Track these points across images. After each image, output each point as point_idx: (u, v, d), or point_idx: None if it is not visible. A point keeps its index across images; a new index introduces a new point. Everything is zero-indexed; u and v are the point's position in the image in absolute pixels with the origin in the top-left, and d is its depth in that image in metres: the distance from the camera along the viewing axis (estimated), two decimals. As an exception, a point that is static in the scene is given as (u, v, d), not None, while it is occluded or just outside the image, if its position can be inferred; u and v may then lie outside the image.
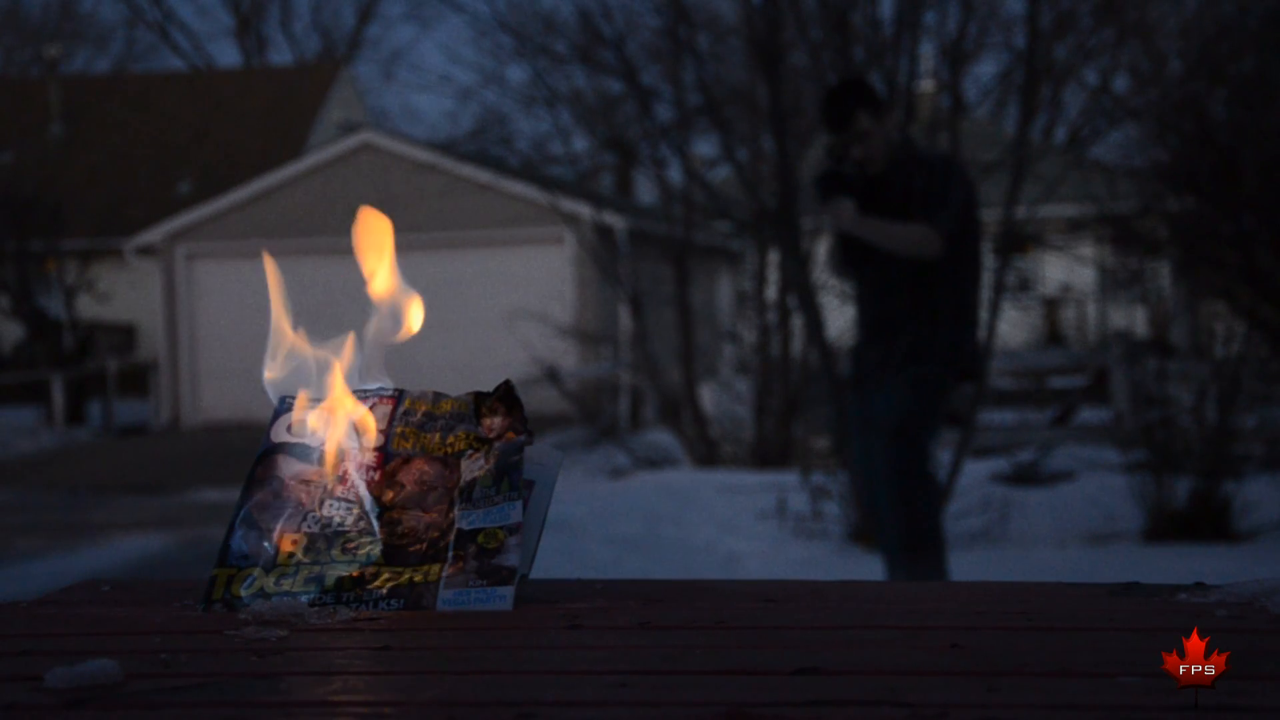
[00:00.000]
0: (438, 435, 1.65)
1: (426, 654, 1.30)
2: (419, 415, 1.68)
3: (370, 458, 1.64)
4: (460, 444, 1.64)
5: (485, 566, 1.53)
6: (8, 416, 18.63)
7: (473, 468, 1.60)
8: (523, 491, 1.59)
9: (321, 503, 1.61)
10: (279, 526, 1.60)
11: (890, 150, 4.98)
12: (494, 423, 1.64)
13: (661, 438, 12.79)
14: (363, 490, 1.62)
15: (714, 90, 11.10)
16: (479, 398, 1.67)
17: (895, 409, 4.95)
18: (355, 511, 1.61)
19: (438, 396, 1.69)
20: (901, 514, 4.98)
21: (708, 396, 12.85)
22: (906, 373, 4.95)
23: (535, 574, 1.61)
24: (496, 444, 1.62)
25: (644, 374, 13.41)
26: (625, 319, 14.95)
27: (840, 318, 9.40)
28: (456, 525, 1.57)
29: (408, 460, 1.64)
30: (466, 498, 1.58)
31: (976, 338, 5.22)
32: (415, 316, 1.71)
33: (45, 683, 1.18)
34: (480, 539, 1.55)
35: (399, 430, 1.66)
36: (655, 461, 11.82)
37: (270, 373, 1.69)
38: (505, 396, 1.66)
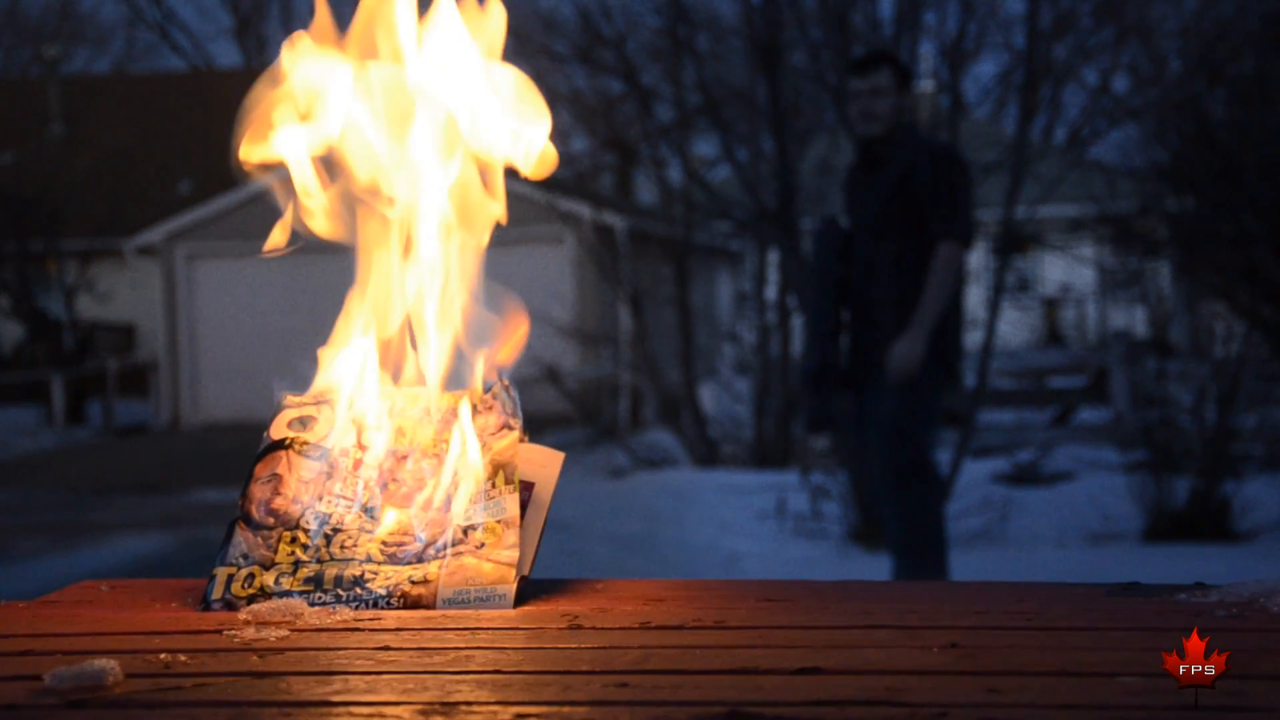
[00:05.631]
0: (433, 430, 1.66)
1: (426, 654, 1.30)
2: (414, 411, 1.68)
3: (368, 455, 1.64)
4: (455, 438, 1.64)
5: (484, 562, 1.53)
6: (8, 416, 18.62)
7: (467, 464, 1.61)
8: (519, 485, 1.59)
9: (320, 500, 1.61)
10: (278, 525, 1.60)
11: (896, 126, 4.96)
12: (489, 419, 1.64)
13: (661, 438, 12.78)
14: (361, 488, 1.62)
15: (714, 90, 11.09)
16: (473, 394, 1.67)
17: (892, 409, 4.92)
18: (354, 509, 1.61)
19: None
20: (902, 512, 4.96)
21: (708, 396, 12.85)
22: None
23: (535, 574, 1.61)
24: (491, 438, 1.62)
25: (644, 374, 13.41)
26: (625, 319, 14.95)
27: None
28: (454, 521, 1.57)
29: (404, 457, 1.64)
30: (463, 491, 1.58)
31: (959, 331, 5.17)
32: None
33: (45, 683, 1.18)
34: (478, 534, 1.55)
35: (396, 426, 1.67)
36: (655, 461, 11.81)
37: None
38: (499, 394, 1.66)
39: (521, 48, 12.84)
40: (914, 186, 4.89)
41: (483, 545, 1.54)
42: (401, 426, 1.66)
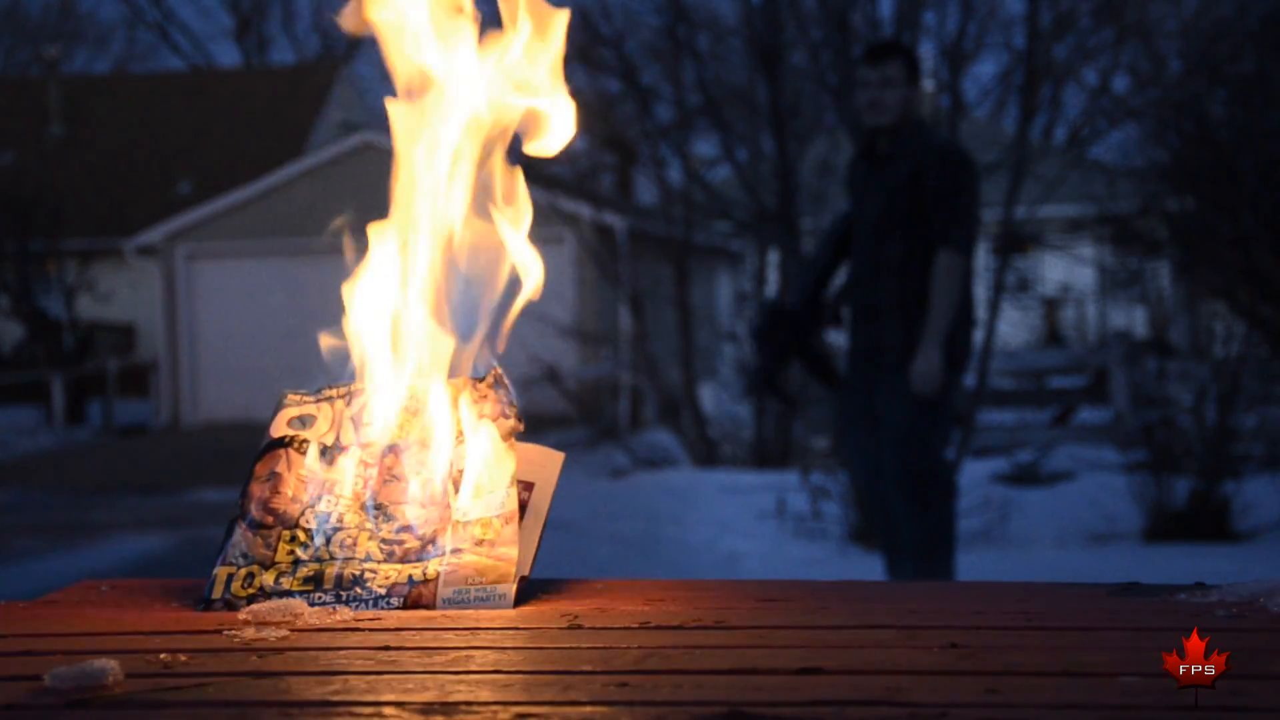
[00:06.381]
0: (430, 423, 1.65)
1: (426, 654, 1.31)
2: (413, 404, 1.68)
3: (368, 452, 1.64)
4: (452, 430, 1.64)
5: (484, 559, 1.53)
6: (8, 416, 18.61)
7: (466, 456, 1.60)
8: (518, 481, 1.59)
9: (320, 499, 1.61)
10: (278, 524, 1.60)
11: (904, 120, 4.92)
12: (484, 409, 1.64)
13: (661, 438, 12.78)
14: (359, 485, 1.62)
15: (714, 90, 11.09)
16: (468, 384, 1.67)
17: (904, 415, 4.86)
18: (353, 507, 1.61)
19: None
20: (916, 517, 4.90)
21: (708, 396, 12.85)
22: (906, 374, 4.86)
23: (535, 574, 1.61)
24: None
25: (644, 374, 13.41)
26: (625, 319, 14.95)
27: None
28: (454, 516, 1.57)
29: (403, 451, 1.64)
30: (461, 487, 1.58)
31: (968, 328, 5.12)
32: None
33: (45, 683, 1.18)
34: (477, 529, 1.55)
35: (395, 420, 1.67)
36: (655, 461, 11.81)
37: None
38: (494, 383, 1.66)
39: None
40: (923, 186, 4.83)
41: (482, 543, 1.54)
42: (400, 420, 1.66)
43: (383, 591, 1.53)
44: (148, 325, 21.72)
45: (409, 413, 1.66)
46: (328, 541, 1.58)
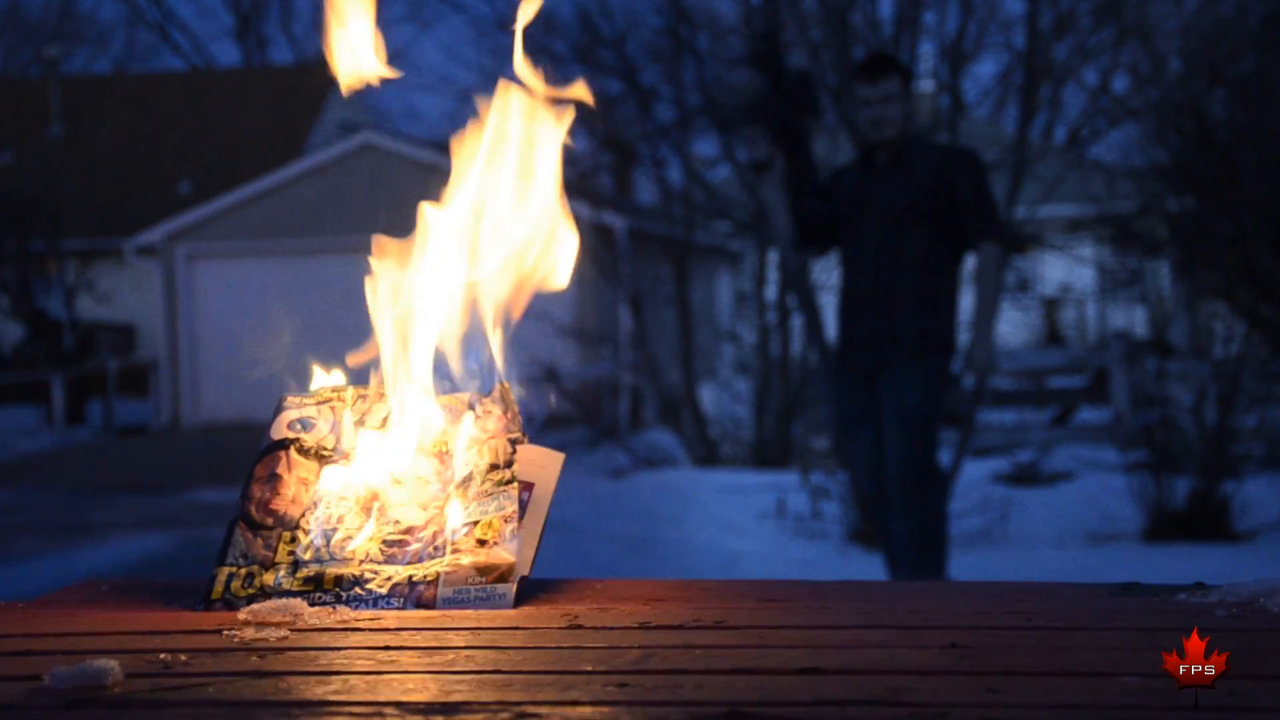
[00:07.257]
0: (434, 431, 1.66)
1: (426, 654, 1.31)
2: (416, 412, 1.68)
3: (369, 455, 1.65)
4: (455, 439, 1.64)
5: (483, 559, 1.53)
6: (8, 416, 18.61)
7: (467, 461, 1.61)
8: (518, 485, 1.59)
9: (321, 500, 1.61)
10: (278, 525, 1.60)
11: (905, 131, 5.07)
12: (489, 421, 1.65)
13: (661, 438, 12.78)
14: (361, 487, 1.62)
15: (714, 90, 11.10)
16: (473, 398, 1.68)
17: (915, 403, 4.92)
18: (354, 508, 1.61)
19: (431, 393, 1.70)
20: (915, 510, 4.95)
21: (708, 396, 12.85)
22: (919, 363, 4.91)
23: (535, 574, 1.61)
24: (491, 439, 1.63)
25: (644, 374, 13.41)
26: (625, 319, 14.94)
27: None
28: (454, 520, 1.57)
29: (405, 456, 1.64)
30: (462, 490, 1.59)
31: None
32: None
33: (45, 683, 1.18)
34: (477, 530, 1.55)
35: (397, 427, 1.67)
36: (655, 461, 11.81)
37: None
38: (500, 399, 1.66)
39: (522, 47, 12.84)
40: (950, 186, 4.97)
41: (483, 544, 1.55)
42: (402, 427, 1.66)
43: (383, 591, 1.53)
44: (148, 325, 21.72)
45: (413, 418, 1.66)
46: (328, 542, 1.58)
